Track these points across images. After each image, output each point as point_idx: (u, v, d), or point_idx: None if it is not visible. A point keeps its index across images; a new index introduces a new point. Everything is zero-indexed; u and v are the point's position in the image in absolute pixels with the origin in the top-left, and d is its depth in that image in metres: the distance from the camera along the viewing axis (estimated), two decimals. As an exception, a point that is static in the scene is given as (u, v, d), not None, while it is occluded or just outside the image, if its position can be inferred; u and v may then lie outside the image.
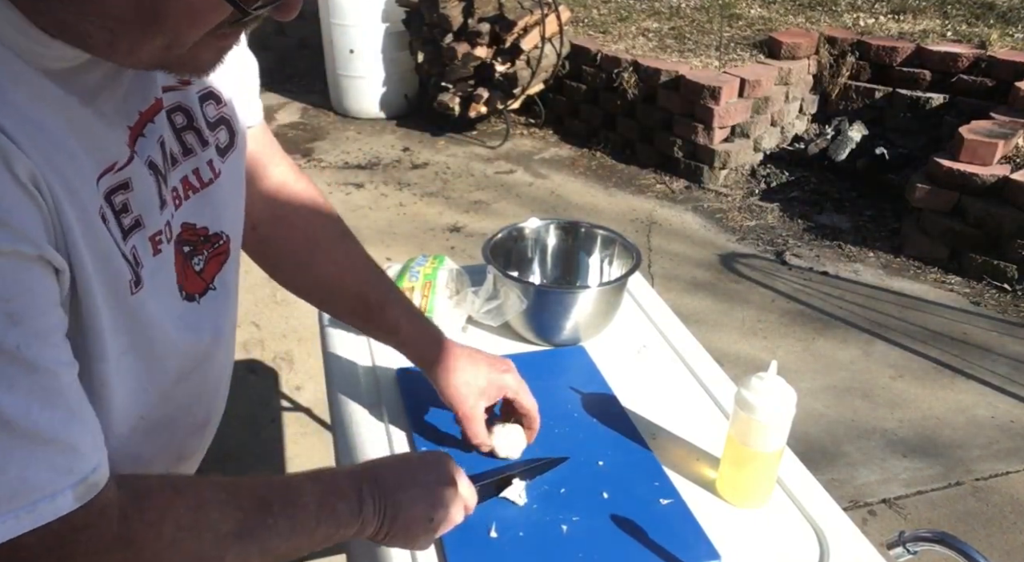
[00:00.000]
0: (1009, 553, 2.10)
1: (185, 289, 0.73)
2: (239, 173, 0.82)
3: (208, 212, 0.76)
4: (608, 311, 1.27)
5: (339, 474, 0.80)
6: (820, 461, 2.40)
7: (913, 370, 2.83)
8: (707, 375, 1.21)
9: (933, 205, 3.45)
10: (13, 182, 0.52)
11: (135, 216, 0.65)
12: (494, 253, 1.28)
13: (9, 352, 0.52)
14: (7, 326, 0.52)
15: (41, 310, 0.55)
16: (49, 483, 0.55)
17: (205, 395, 0.82)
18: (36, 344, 0.54)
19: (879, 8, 5.00)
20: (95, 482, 0.58)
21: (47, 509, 0.55)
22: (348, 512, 0.75)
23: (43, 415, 0.54)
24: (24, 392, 0.53)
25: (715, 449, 1.05)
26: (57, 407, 0.55)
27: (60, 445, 0.55)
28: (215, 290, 0.78)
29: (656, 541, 0.89)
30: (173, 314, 0.71)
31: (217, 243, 0.78)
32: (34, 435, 0.54)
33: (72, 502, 0.56)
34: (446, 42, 4.43)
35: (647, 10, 5.32)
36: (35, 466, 0.54)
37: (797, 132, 4.52)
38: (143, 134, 0.66)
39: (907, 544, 0.84)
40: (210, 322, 0.78)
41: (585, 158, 4.57)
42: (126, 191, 0.64)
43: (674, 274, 3.40)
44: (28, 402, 0.53)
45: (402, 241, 3.62)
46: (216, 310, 0.78)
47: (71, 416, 0.57)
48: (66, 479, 0.56)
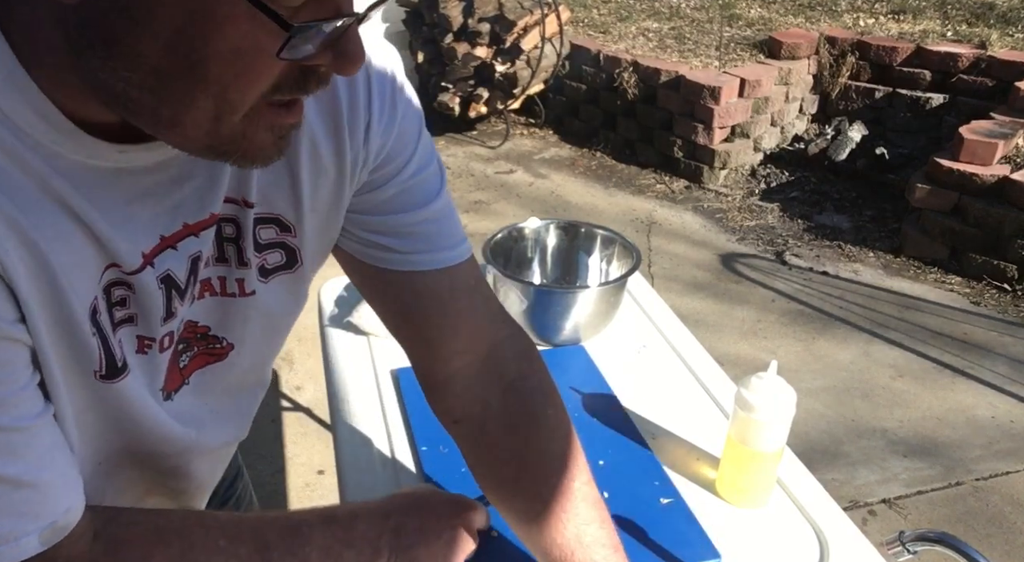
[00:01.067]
0: (1009, 553, 2.11)
1: (166, 388, 0.69)
2: (285, 296, 0.73)
3: (216, 317, 0.70)
4: (608, 311, 1.27)
5: (359, 518, 0.73)
6: (820, 461, 2.40)
7: (913, 370, 2.83)
8: (707, 375, 1.21)
9: (933, 205, 3.45)
10: None
11: (130, 312, 0.62)
12: (494, 253, 1.28)
13: None
14: None
15: (8, 377, 0.54)
16: (13, 528, 0.54)
17: (189, 476, 0.77)
18: (3, 407, 0.53)
19: (879, 8, 5.00)
20: (64, 526, 0.57)
21: (10, 553, 0.54)
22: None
23: (8, 469, 0.54)
24: None
25: (715, 449, 1.05)
26: (23, 458, 0.55)
27: (27, 491, 0.55)
28: (188, 385, 0.72)
29: (656, 541, 0.89)
30: (150, 411, 0.67)
31: (214, 345, 0.72)
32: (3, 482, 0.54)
33: (37, 545, 0.55)
34: (446, 42, 4.43)
35: (647, 10, 5.32)
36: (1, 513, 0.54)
37: (797, 132, 4.52)
38: (175, 247, 0.62)
39: (907, 544, 0.84)
40: (190, 416, 0.72)
41: (585, 158, 4.57)
42: (128, 289, 0.61)
43: (674, 274, 3.40)
44: None
45: (402, 241, 3.62)
46: (190, 405, 0.72)
47: (39, 463, 0.56)
48: (32, 523, 0.55)
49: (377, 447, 1.05)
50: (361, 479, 1.01)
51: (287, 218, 0.68)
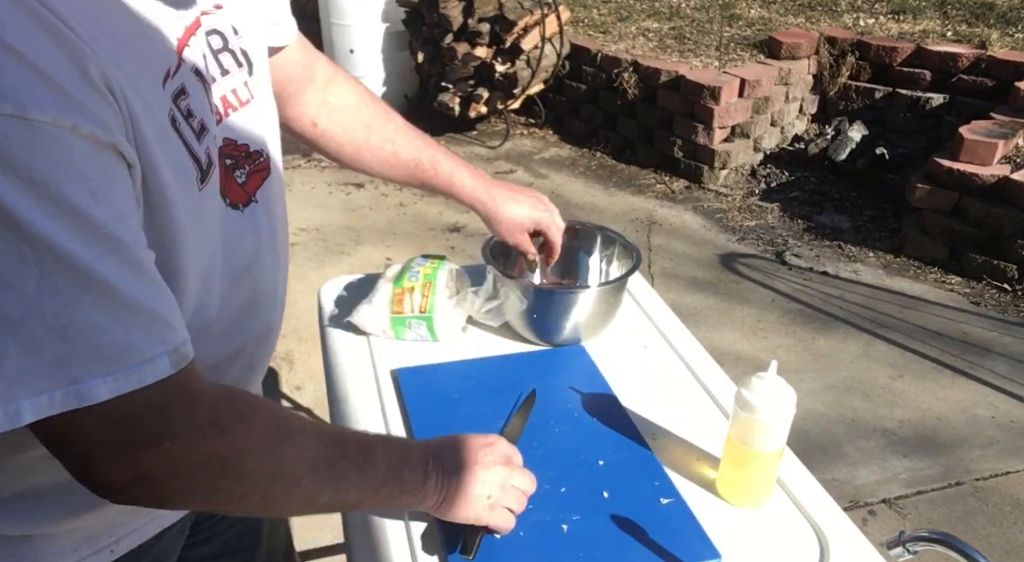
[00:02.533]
0: (1009, 553, 2.10)
1: (228, 198, 0.76)
2: (268, 95, 0.87)
3: (247, 131, 0.79)
4: (608, 311, 1.27)
5: (409, 445, 0.86)
6: (820, 461, 2.40)
7: (913, 370, 2.83)
8: (707, 375, 1.21)
9: (933, 205, 3.45)
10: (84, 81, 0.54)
11: (200, 120, 0.68)
12: (494, 253, 1.28)
13: (99, 227, 0.55)
14: (92, 203, 0.54)
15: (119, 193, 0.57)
16: (148, 347, 0.58)
17: (260, 302, 0.85)
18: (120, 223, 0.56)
19: (879, 8, 5.00)
20: (185, 354, 0.60)
21: (148, 371, 0.57)
22: (413, 481, 0.80)
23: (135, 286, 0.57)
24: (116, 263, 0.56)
25: (715, 449, 1.05)
26: (146, 281, 0.58)
27: (153, 315, 0.58)
28: (257, 203, 0.82)
29: (656, 541, 0.89)
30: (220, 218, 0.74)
31: (257, 160, 0.82)
32: (131, 303, 0.57)
33: (169, 367, 0.59)
34: (446, 42, 4.43)
35: (647, 10, 5.32)
36: (135, 330, 0.57)
37: (797, 132, 4.52)
38: (188, 45, 0.68)
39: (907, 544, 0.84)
40: (252, 232, 0.81)
41: (585, 158, 4.57)
42: (186, 97, 0.66)
43: (674, 274, 3.40)
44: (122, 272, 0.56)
45: (402, 241, 3.62)
46: (258, 222, 0.82)
47: (158, 291, 0.60)
48: (161, 346, 0.58)
49: (377, 447, 1.05)
50: (361, 479, 1.01)
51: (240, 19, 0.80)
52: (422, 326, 1.23)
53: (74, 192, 0.53)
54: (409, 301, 1.23)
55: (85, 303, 0.54)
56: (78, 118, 0.54)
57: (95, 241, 0.54)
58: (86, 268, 0.54)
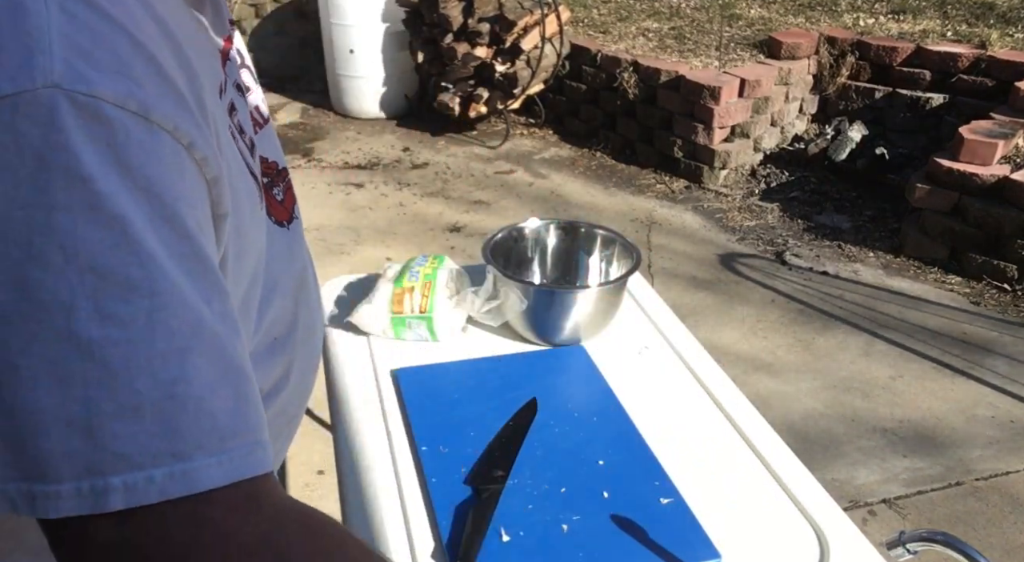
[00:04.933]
0: (1009, 553, 2.10)
1: (274, 216, 0.67)
2: None
3: (272, 147, 0.74)
4: (608, 311, 1.27)
5: None
6: (820, 461, 2.40)
7: (913, 370, 2.83)
8: (707, 375, 1.21)
9: (933, 205, 3.45)
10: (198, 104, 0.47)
11: (249, 137, 0.62)
12: (494, 253, 1.28)
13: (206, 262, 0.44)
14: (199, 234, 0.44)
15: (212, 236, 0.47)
16: (258, 426, 0.45)
17: (313, 317, 0.79)
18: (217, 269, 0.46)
19: (879, 8, 5.00)
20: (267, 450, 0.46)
21: (261, 456, 0.44)
22: None
23: (238, 345, 0.45)
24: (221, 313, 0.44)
25: (715, 449, 1.05)
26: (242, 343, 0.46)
27: (254, 385, 0.46)
28: (297, 219, 0.75)
29: (656, 541, 0.89)
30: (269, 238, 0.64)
31: (285, 177, 0.74)
32: (238, 365, 0.45)
33: (267, 460, 0.44)
34: (446, 42, 4.43)
35: (647, 10, 5.32)
36: (244, 401, 0.44)
37: (797, 132, 4.52)
38: (230, 58, 0.64)
39: (907, 544, 0.84)
40: (299, 251, 0.75)
41: (585, 158, 4.57)
42: (236, 113, 0.60)
43: (674, 274, 3.40)
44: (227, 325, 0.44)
45: (402, 241, 3.62)
46: (301, 238, 0.76)
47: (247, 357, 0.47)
48: (263, 428, 0.45)
49: (377, 447, 1.05)
50: (361, 479, 1.01)
51: None
52: (422, 326, 1.23)
53: (186, 216, 0.44)
54: (409, 301, 1.23)
55: (197, 353, 0.42)
56: (196, 138, 0.46)
57: (205, 278, 0.44)
58: (197, 309, 0.42)
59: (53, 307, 0.38)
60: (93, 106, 0.40)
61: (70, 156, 0.39)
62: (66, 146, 0.39)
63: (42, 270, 0.38)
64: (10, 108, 0.39)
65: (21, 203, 0.38)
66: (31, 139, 0.39)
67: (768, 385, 2.73)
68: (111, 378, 0.39)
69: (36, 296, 0.38)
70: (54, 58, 0.40)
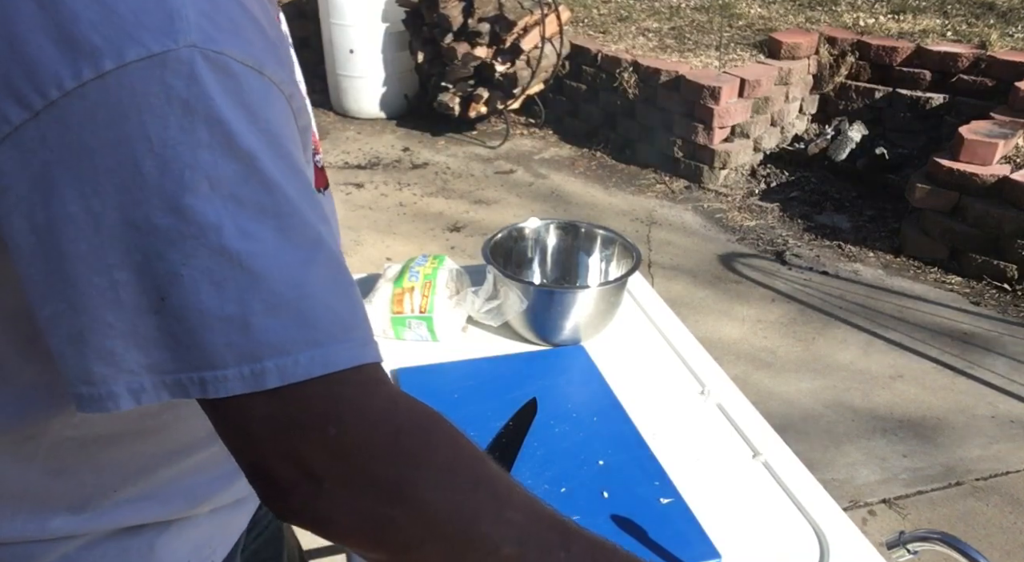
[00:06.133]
0: (1009, 553, 2.10)
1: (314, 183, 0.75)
2: None
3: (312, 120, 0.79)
4: (608, 311, 1.27)
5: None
6: (820, 461, 2.40)
7: (913, 370, 2.83)
8: (707, 375, 1.21)
9: (933, 205, 3.45)
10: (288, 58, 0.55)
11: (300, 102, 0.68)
12: (494, 253, 1.28)
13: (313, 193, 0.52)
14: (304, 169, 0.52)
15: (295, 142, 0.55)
16: (367, 324, 0.53)
17: None
18: None
19: (879, 8, 5.00)
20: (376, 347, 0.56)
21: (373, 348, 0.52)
22: None
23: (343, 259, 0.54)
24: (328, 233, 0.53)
25: (715, 448, 1.05)
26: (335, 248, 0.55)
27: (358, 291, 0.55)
28: (328, 188, 0.81)
29: (656, 541, 0.89)
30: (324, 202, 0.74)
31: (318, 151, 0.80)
32: (347, 274, 0.53)
33: (376, 353, 0.53)
34: (446, 42, 4.43)
35: (647, 10, 5.32)
36: (357, 304, 0.53)
37: (797, 132, 4.52)
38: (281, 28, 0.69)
39: (907, 544, 0.84)
40: (332, 217, 0.79)
41: (585, 158, 4.57)
42: None
43: (674, 274, 3.40)
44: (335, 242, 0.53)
45: (402, 241, 3.62)
46: (333, 208, 0.80)
47: None
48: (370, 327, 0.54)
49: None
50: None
51: None
52: (422, 326, 1.23)
53: (296, 154, 0.52)
54: (409, 301, 1.23)
55: (318, 263, 0.50)
56: (293, 90, 0.54)
57: (314, 204, 0.52)
58: (314, 227, 0.51)
59: (205, 227, 0.46)
60: (223, 62, 0.48)
61: (208, 102, 0.47)
62: (205, 95, 0.47)
63: (193, 197, 0.46)
64: (159, 65, 0.46)
65: (172, 143, 0.46)
66: (177, 90, 0.46)
67: (768, 385, 2.73)
68: (256, 282, 0.47)
69: (191, 218, 0.46)
70: (190, 23, 0.47)
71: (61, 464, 0.64)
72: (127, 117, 0.46)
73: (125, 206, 0.46)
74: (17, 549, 0.66)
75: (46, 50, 0.46)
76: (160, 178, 0.46)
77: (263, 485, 0.51)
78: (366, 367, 0.51)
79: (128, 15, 0.46)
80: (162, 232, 0.46)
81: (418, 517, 0.51)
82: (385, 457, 0.51)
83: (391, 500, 0.51)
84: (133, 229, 0.46)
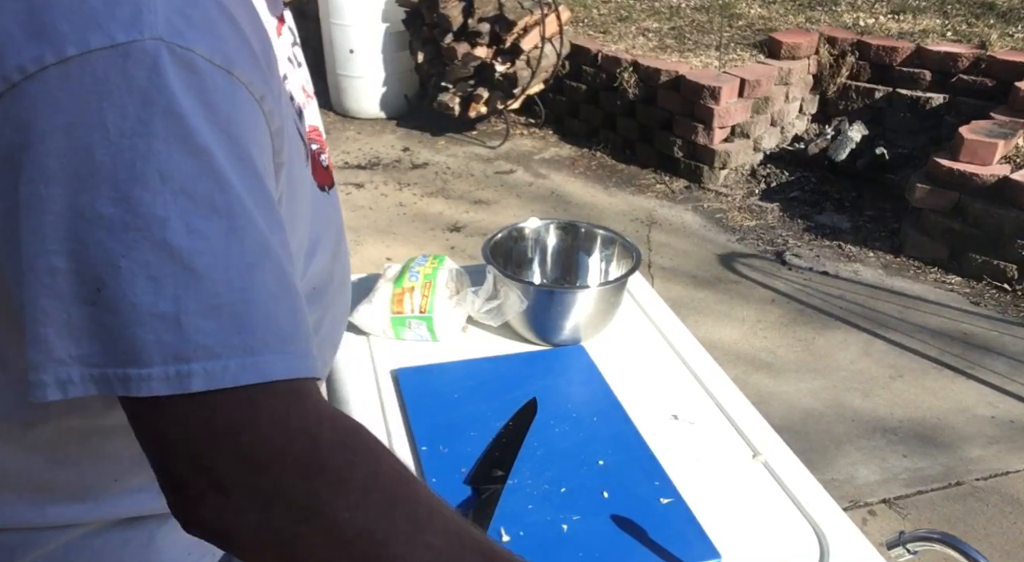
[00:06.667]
0: (1009, 553, 2.10)
1: (317, 180, 0.74)
2: None
3: (317, 120, 0.79)
4: (608, 311, 1.27)
5: None
6: (820, 461, 2.40)
7: (913, 370, 2.83)
8: (707, 375, 1.21)
9: (933, 205, 3.45)
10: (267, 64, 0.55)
11: (297, 104, 0.68)
12: (494, 253, 1.28)
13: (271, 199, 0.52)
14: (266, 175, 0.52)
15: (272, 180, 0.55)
16: (307, 337, 0.52)
17: (344, 281, 0.84)
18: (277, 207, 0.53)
19: (879, 8, 5.00)
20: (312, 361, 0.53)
21: (311, 362, 0.51)
22: None
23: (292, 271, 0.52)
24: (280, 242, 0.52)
25: (714, 448, 1.05)
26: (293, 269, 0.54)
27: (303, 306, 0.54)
28: (336, 186, 0.81)
29: (656, 541, 0.89)
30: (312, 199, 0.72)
31: (326, 148, 0.81)
32: (293, 286, 0.52)
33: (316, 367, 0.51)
34: (446, 42, 4.43)
35: (647, 10, 5.32)
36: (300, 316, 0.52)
37: (797, 132, 4.52)
38: (280, 34, 0.69)
39: (907, 544, 0.84)
40: (336, 215, 0.79)
41: (585, 158, 4.57)
42: (287, 79, 0.66)
43: (674, 274, 3.40)
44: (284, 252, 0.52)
45: (402, 241, 3.62)
46: (338, 203, 0.81)
47: None
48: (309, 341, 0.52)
49: (377, 447, 1.05)
50: (361, 479, 1.01)
51: None
52: (422, 326, 1.23)
53: (257, 158, 0.52)
54: (409, 301, 1.23)
55: (264, 269, 0.49)
56: (265, 93, 0.53)
57: (269, 211, 0.51)
58: (264, 234, 0.50)
59: (151, 219, 0.46)
60: (188, 57, 0.48)
61: (169, 96, 0.47)
62: (166, 88, 0.47)
63: (142, 189, 0.46)
64: (122, 54, 0.46)
65: (128, 132, 0.46)
66: (138, 81, 0.46)
67: (768, 385, 2.73)
68: (196, 281, 0.46)
69: (137, 210, 0.45)
70: (158, 15, 0.47)
71: (63, 454, 0.65)
72: (86, 103, 0.46)
73: (73, 192, 0.45)
74: (19, 536, 0.67)
75: (13, 34, 0.46)
76: (112, 166, 0.45)
77: (171, 492, 0.49)
78: (297, 381, 0.50)
79: (99, 5, 0.47)
80: (106, 221, 0.45)
81: (327, 536, 0.49)
82: (299, 471, 0.49)
83: (301, 516, 0.49)
84: (77, 215, 0.45)
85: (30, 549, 0.67)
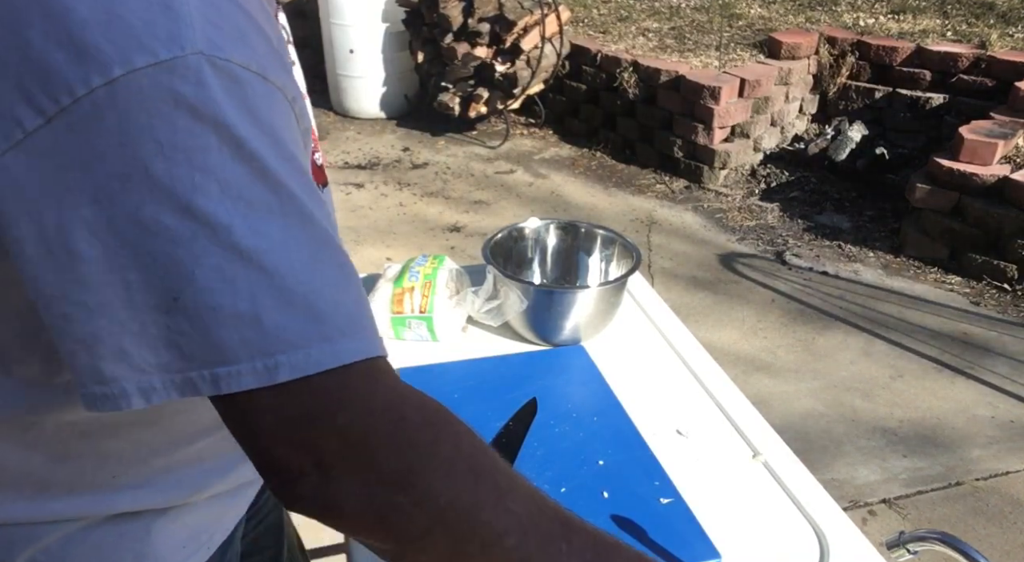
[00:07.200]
0: (1009, 553, 2.11)
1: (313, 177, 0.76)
2: None
3: (311, 118, 0.79)
4: (608, 311, 1.27)
5: None
6: (820, 461, 2.40)
7: (913, 370, 2.83)
8: (707, 375, 1.21)
9: (933, 205, 3.45)
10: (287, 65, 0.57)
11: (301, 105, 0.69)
12: (494, 253, 1.28)
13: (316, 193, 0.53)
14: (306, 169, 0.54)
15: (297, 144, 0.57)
16: (371, 320, 0.55)
17: None
18: None
19: (879, 8, 5.00)
20: None
21: (379, 342, 0.54)
22: None
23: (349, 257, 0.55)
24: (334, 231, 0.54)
25: (714, 448, 1.05)
26: None
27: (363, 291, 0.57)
28: (329, 185, 0.82)
29: (656, 541, 0.89)
30: None
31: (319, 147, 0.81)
32: (353, 272, 0.55)
33: (383, 346, 0.55)
34: (446, 42, 4.43)
35: (647, 10, 5.32)
36: (362, 300, 0.55)
37: (797, 132, 4.52)
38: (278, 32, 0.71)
39: (907, 544, 0.84)
40: (330, 213, 0.80)
41: (585, 158, 4.57)
42: None
43: (674, 274, 3.40)
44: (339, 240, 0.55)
45: (402, 241, 3.62)
46: (332, 204, 0.81)
47: None
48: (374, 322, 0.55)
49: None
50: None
51: None
52: (422, 326, 1.23)
53: (298, 155, 0.54)
54: (409, 301, 1.23)
55: (327, 260, 0.52)
56: (296, 94, 0.56)
57: (318, 204, 0.53)
58: (322, 226, 0.53)
59: (217, 227, 0.48)
60: (228, 68, 0.49)
61: (216, 108, 0.48)
62: (213, 100, 0.48)
63: (204, 199, 0.48)
64: (167, 70, 0.47)
65: (181, 147, 0.47)
66: (186, 95, 0.48)
67: (768, 385, 2.73)
68: (268, 279, 0.49)
69: (203, 218, 0.47)
70: (196, 30, 0.49)
71: (63, 450, 0.66)
72: (136, 122, 0.47)
73: (136, 208, 0.47)
74: (18, 530, 0.69)
75: (57, 56, 0.47)
76: (170, 181, 0.47)
77: (272, 474, 0.52)
78: (373, 360, 0.53)
79: (137, 23, 0.48)
80: (174, 233, 0.47)
81: (422, 505, 0.52)
82: (390, 446, 0.52)
83: (397, 488, 0.52)
84: (144, 231, 0.47)
85: (28, 543, 0.69)
